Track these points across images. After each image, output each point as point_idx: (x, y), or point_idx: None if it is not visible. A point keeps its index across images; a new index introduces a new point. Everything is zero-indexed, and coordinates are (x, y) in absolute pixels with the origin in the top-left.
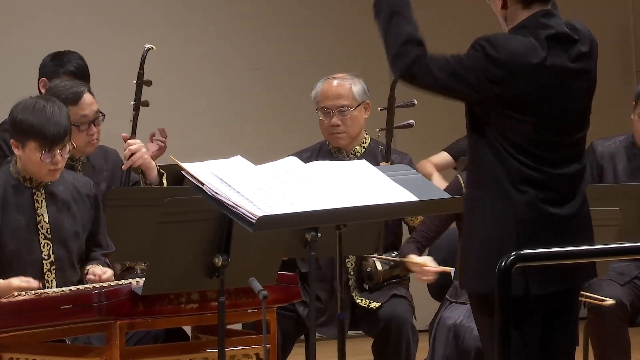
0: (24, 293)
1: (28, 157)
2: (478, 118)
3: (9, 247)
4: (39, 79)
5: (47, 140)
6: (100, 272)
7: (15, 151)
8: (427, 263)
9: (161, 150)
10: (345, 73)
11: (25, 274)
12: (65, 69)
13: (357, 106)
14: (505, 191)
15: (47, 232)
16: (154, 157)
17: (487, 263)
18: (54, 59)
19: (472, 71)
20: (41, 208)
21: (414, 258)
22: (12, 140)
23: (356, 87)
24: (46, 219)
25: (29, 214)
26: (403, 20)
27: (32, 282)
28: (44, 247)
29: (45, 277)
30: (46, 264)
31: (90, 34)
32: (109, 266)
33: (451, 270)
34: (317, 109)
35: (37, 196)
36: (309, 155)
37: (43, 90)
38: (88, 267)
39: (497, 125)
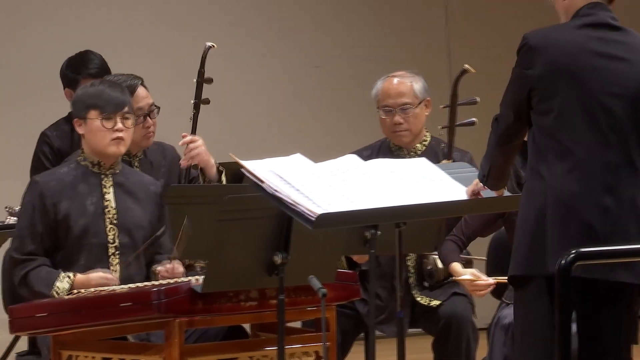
0: (83, 290)
1: (90, 129)
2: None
3: (76, 229)
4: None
5: (106, 105)
6: (170, 267)
7: (79, 130)
8: (477, 276)
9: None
10: (405, 71)
11: (90, 257)
12: (83, 73)
13: (419, 104)
14: (541, 176)
15: (113, 217)
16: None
17: (521, 246)
18: (68, 68)
19: (513, 80)
20: (109, 194)
21: (458, 270)
22: (74, 120)
23: (417, 84)
24: (113, 204)
25: (96, 199)
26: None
27: (111, 279)
28: (109, 231)
29: (110, 260)
30: (111, 248)
31: (150, 32)
32: None
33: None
34: (377, 108)
35: (104, 182)
36: (369, 153)
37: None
38: (158, 268)
39: (535, 112)
